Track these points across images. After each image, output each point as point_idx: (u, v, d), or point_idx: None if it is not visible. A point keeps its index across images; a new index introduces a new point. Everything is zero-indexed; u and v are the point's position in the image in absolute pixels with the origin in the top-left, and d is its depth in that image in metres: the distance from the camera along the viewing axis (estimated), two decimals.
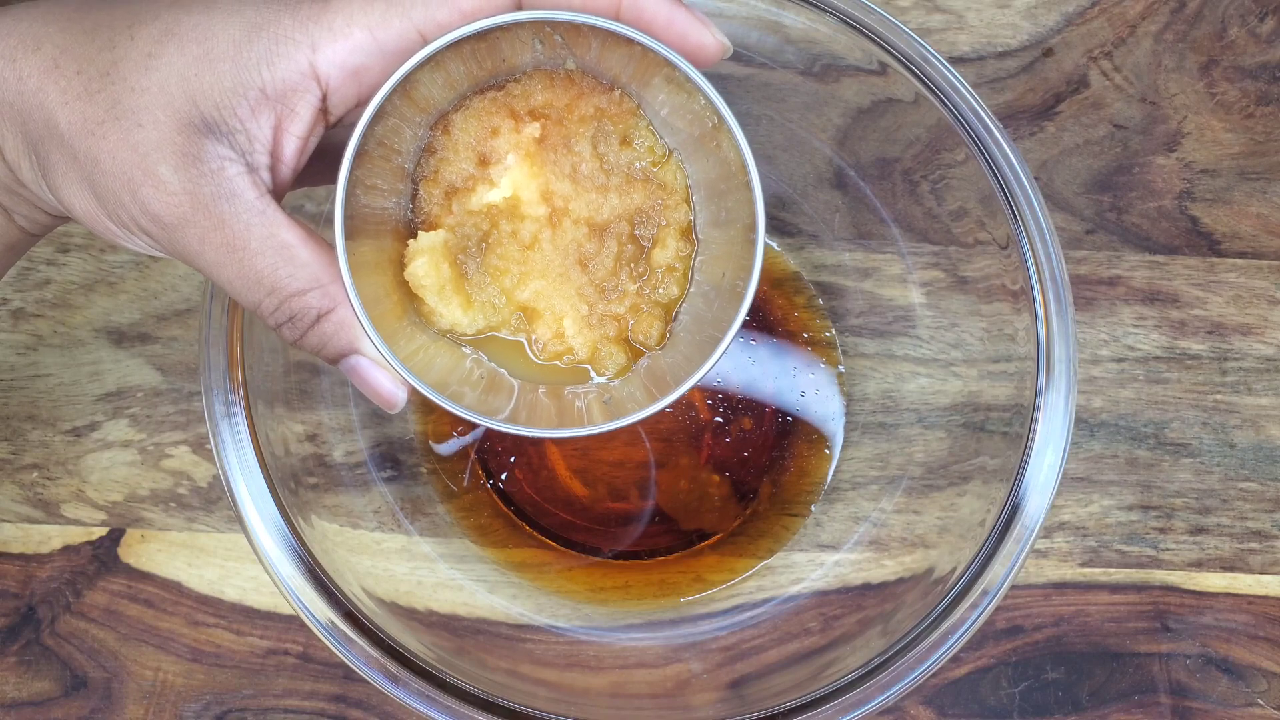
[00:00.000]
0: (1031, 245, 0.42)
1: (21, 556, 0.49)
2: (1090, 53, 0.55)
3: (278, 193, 0.30)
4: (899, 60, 0.43)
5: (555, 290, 0.33)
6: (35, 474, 0.49)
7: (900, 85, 0.44)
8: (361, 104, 0.30)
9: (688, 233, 0.34)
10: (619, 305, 0.34)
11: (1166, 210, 0.53)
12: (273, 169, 0.30)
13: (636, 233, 0.34)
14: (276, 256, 0.29)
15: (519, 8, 0.30)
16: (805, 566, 0.48)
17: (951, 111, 0.43)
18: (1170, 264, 0.53)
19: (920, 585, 0.43)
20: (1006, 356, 0.45)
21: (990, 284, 0.45)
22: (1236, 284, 0.53)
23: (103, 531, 0.49)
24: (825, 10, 0.43)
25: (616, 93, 0.33)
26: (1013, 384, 0.44)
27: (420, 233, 0.33)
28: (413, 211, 0.33)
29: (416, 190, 0.33)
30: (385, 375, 0.32)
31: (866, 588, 0.47)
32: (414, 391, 0.31)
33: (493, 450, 0.50)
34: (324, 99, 0.29)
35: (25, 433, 0.50)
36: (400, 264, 0.33)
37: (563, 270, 0.33)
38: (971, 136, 0.43)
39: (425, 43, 0.29)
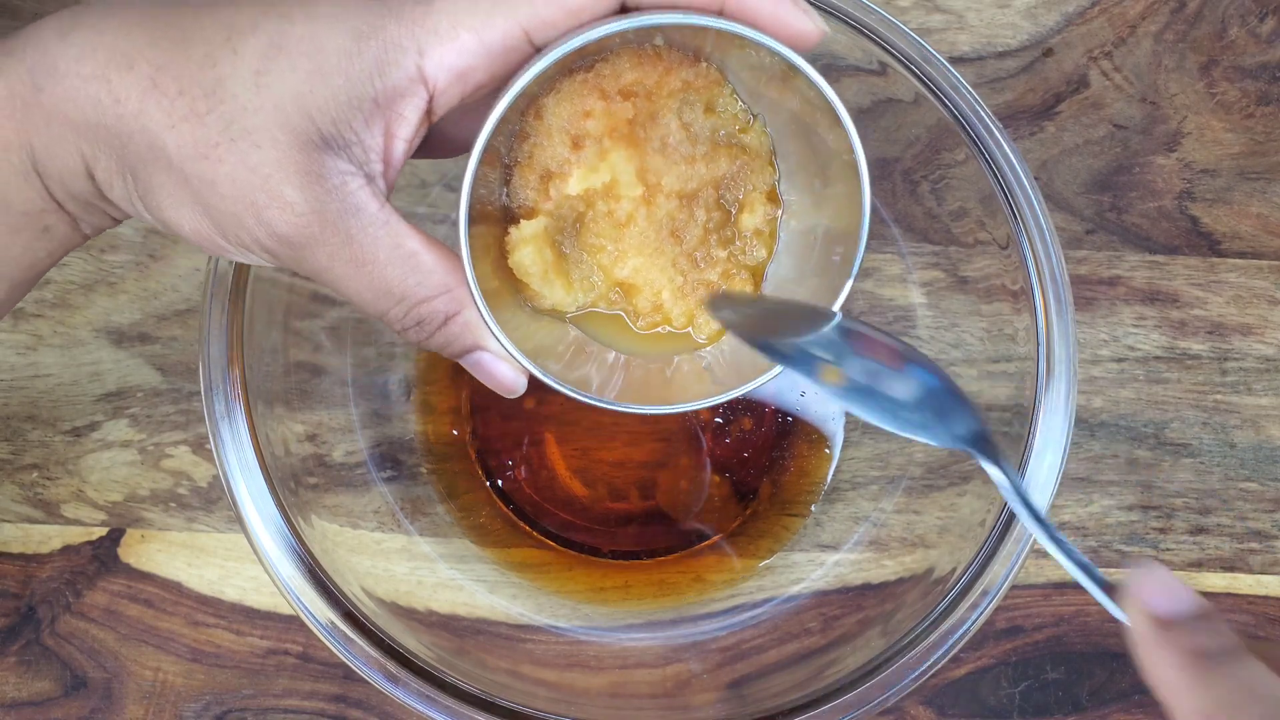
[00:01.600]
0: (1031, 245, 0.42)
1: (21, 556, 0.49)
2: (1090, 53, 0.55)
3: (388, 195, 0.30)
4: (899, 60, 0.43)
5: (651, 264, 0.34)
6: (35, 474, 0.49)
7: (900, 85, 0.44)
8: (465, 100, 0.30)
9: (773, 195, 0.34)
10: (711, 272, 0.34)
11: (1166, 210, 0.53)
12: (384, 174, 0.30)
13: (723, 198, 0.34)
14: (404, 266, 0.30)
15: (624, 10, 0.29)
16: (805, 566, 0.48)
17: (951, 111, 0.43)
18: (1170, 264, 0.53)
19: (920, 585, 0.43)
20: (1007, 356, 0.45)
21: (990, 284, 0.45)
22: (1236, 284, 0.53)
23: (103, 532, 0.49)
24: (825, 10, 0.43)
25: (703, 64, 0.33)
26: (1013, 384, 0.44)
27: (522, 221, 0.33)
28: (508, 196, 0.33)
29: (511, 175, 0.33)
30: (507, 366, 0.32)
31: (866, 588, 0.47)
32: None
33: (493, 450, 0.50)
34: (430, 100, 0.29)
35: (25, 433, 0.50)
36: (500, 247, 0.33)
37: (657, 243, 0.34)
38: (971, 136, 0.43)
39: (530, 41, 0.29)
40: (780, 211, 0.35)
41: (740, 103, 0.34)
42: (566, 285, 0.34)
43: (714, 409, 0.50)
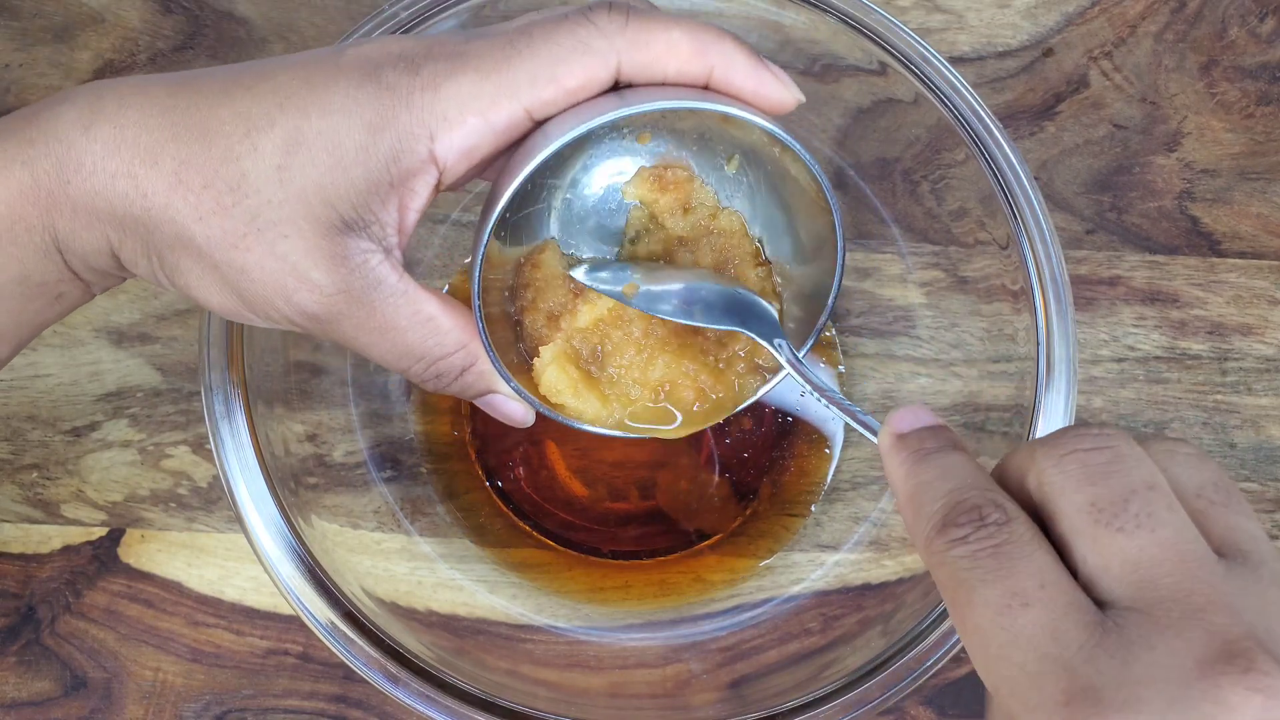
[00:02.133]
0: (1031, 245, 0.42)
1: (21, 556, 0.49)
2: (1090, 53, 0.55)
3: (403, 262, 0.32)
4: (899, 60, 0.43)
5: (679, 358, 0.36)
6: (35, 474, 0.49)
7: (900, 85, 0.44)
8: (470, 174, 0.32)
9: (758, 256, 0.37)
10: (736, 344, 0.37)
11: (1167, 210, 0.53)
12: (399, 244, 0.32)
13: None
14: (424, 330, 0.32)
15: (615, 85, 0.31)
16: (805, 566, 0.48)
17: (951, 111, 0.43)
18: (1170, 264, 0.53)
19: (920, 585, 0.43)
20: (1006, 356, 0.45)
21: (990, 284, 0.46)
22: (1237, 284, 0.53)
23: (102, 532, 0.49)
24: (825, 10, 0.43)
25: (675, 170, 0.36)
26: (1013, 384, 0.44)
27: (540, 349, 0.36)
28: (522, 342, 0.36)
29: (521, 321, 0.36)
30: (517, 404, 0.36)
31: (866, 588, 0.47)
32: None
33: (493, 450, 0.50)
34: (440, 176, 0.31)
35: (25, 433, 0.50)
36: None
37: (679, 342, 0.36)
38: (971, 136, 0.43)
39: (531, 117, 0.31)
40: (771, 270, 0.37)
41: (711, 190, 0.37)
42: (601, 399, 0.36)
43: None
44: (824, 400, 0.33)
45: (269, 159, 0.30)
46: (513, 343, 0.36)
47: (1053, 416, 0.41)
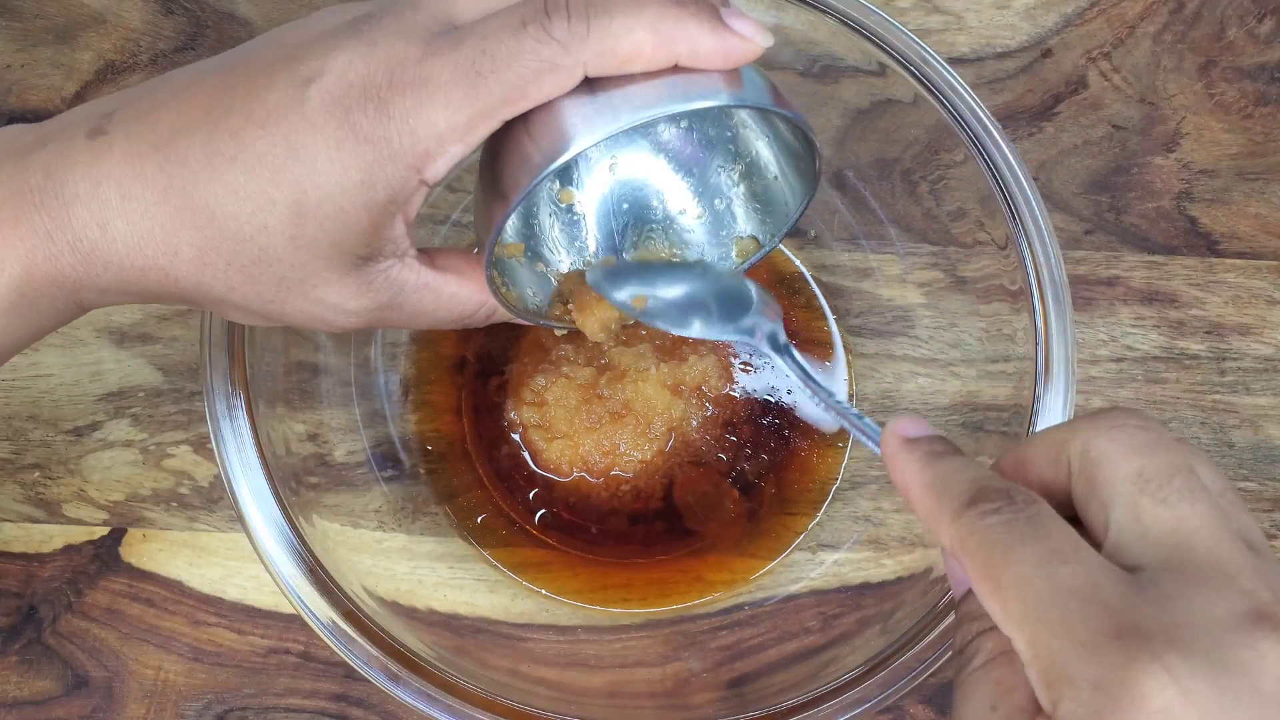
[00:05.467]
0: (1030, 245, 0.42)
1: (23, 556, 0.49)
2: (1089, 53, 0.55)
3: (422, 252, 0.35)
4: (898, 61, 0.43)
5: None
6: (37, 474, 0.50)
7: (899, 86, 0.44)
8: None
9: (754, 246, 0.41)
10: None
11: (1165, 210, 0.53)
12: (409, 243, 0.34)
13: None
14: (448, 305, 0.36)
15: (585, 78, 0.32)
16: (805, 566, 0.48)
17: (950, 112, 0.43)
18: (1169, 264, 0.53)
19: (919, 584, 0.43)
20: (1005, 356, 0.45)
21: (989, 284, 0.46)
22: (1235, 284, 0.53)
23: (104, 531, 0.49)
24: (825, 11, 0.43)
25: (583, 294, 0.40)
26: (1011, 384, 0.44)
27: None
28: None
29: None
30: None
31: (866, 587, 0.47)
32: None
33: (493, 450, 0.50)
34: (430, 187, 0.33)
35: (27, 432, 0.50)
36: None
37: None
38: (970, 137, 0.43)
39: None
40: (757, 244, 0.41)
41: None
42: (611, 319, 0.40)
43: (715, 409, 0.50)
44: (825, 405, 0.34)
45: (280, 234, 0.31)
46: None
47: (1051, 416, 0.41)
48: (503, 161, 0.33)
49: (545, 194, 0.40)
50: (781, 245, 0.52)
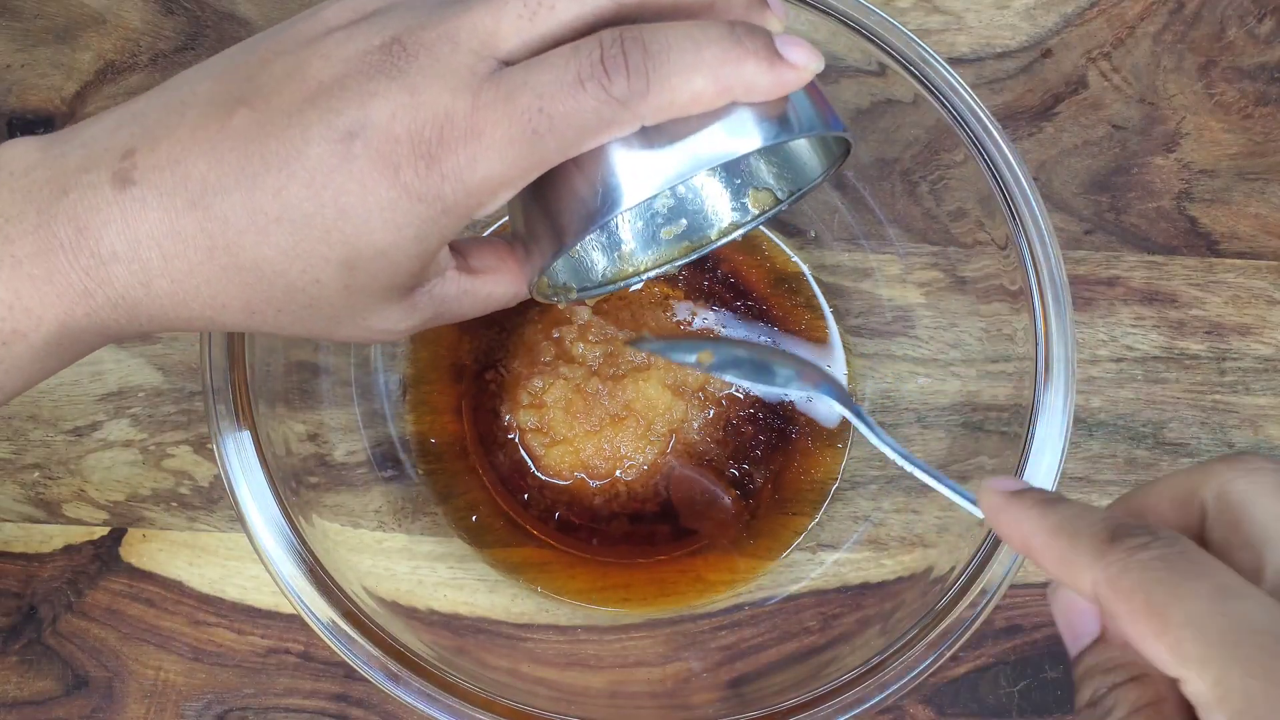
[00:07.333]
0: (1030, 245, 0.42)
1: (23, 556, 0.49)
2: (1089, 53, 0.55)
3: (455, 248, 0.36)
4: (898, 61, 0.43)
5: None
6: (37, 474, 0.50)
7: (899, 86, 0.44)
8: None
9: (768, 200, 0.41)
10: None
11: (1165, 210, 0.53)
12: (451, 260, 0.35)
13: None
14: (486, 305, 0.36)
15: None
16: (805, 566, 0.48)
17: (950, 112, 0.43)
18: (1169, 264, 0.53)
19: (919, 584, 0.43)
20: (1005, 356, 0.45)
21: (989, 284, 0.46)
22: (1235, 284, 0.53)
23: (104, 531, 0.49)
24: (825, 11, 0.43)
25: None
26: (1011, 384, 0.44)
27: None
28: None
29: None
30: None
31: (866, 587, 0.47)
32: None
33: (493, 450, 0.50)
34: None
35: (27, 433, 0.50)
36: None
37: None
38: (970, 137, 0.43)
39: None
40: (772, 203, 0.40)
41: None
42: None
43: (716, 410, 0.50)
44: (915, 471, 0.33)
45: (332, 285, 0.32)
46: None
47: (1051, 416, 0.41)
48: (556, 191, 0.32)
49: None
50: (782, 245, 0.52)
